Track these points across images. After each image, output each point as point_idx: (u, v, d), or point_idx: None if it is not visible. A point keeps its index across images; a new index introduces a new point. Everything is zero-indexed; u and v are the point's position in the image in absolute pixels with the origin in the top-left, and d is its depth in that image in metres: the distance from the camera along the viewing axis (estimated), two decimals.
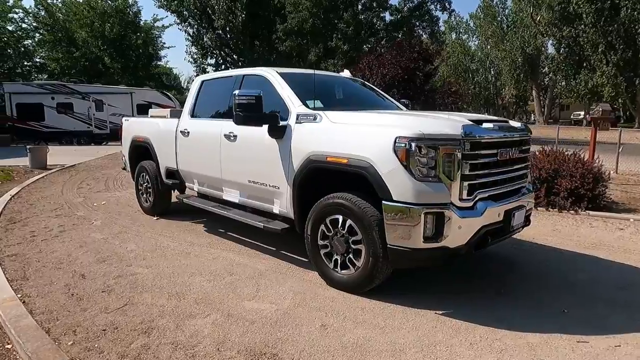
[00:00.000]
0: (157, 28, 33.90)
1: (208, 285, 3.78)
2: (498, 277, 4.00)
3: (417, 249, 3.06)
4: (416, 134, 3.01)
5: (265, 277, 3.95)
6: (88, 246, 4.95)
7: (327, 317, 3.15)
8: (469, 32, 53.60)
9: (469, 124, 3.14)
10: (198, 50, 32.63)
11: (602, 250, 4.74)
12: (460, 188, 3.07)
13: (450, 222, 3.03)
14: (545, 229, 5.55)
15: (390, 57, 11.01)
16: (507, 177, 3.45)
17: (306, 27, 24.93)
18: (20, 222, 6.07)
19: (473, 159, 3.10)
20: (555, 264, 4.33)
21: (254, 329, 2.98)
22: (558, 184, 6.50)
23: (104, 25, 29.39)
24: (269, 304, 3.37)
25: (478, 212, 3.13)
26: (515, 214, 3.42)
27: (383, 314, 3.20)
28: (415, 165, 3.01)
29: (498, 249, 4.73)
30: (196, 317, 3.17)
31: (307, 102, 4.03)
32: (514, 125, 3.71)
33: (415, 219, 2.99)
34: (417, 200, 3.01)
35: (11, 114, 21.38)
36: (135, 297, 3.54)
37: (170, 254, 4.66)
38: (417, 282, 3.84)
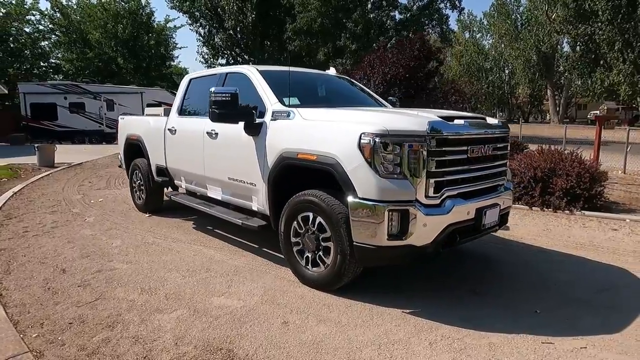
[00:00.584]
0: (169, 29, 34.29)
1: (182, 281, 3.80)
2: (476, 276, 3.93)
3: (381, 247, 3.03)
4: (380, 130, 2.98)
5: (240, 273, 3.96)
6: (76, 242, 5.03)
7: (291, 314, 3.14)
8: (482, 31, 52.94)
9: (435, 120, 3.09)
10: (209, 50, 32.96)
11: (590, 251, 4.63)
12: (427, 185, 3.02)
13: (416, 219, 2.99)
14: (536, 229, 5.44)
15: (391, 55, 10.93)
16: (480, 174, 3.39)
17: (315, 26, 24.90)
18: (16, 218, 6.20)
19: (440, 155, 3.05)
20: (539, 264, 4.24)
21: (216, 325, 2.99)
22: (553, 183, 6.37)
23: (117, 27, 29.86)
24: (236, 301, 3.38)
25: (445, 210, 3.08)
26: (487, 213, 3.35)
27: (348, 312, 3.17)
28: (380, 162, 2.98)
29: (482, 248, 4.67)
30: (163, 312, 3.20)
31: (284, 100, 4.02)
32: (490, 122, 3.64)
33: (380, 217, 2.96)
34: (381, 197, 2.98)
35: (26, 113, 21.87)
36: (108, 292, 3.59)
37: (153, 250, 4.70)
38: (392, 280, 3.81)
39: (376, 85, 10.79)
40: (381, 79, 10.77)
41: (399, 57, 10.71)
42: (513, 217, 5.86)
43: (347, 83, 5.35)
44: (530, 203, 6.46)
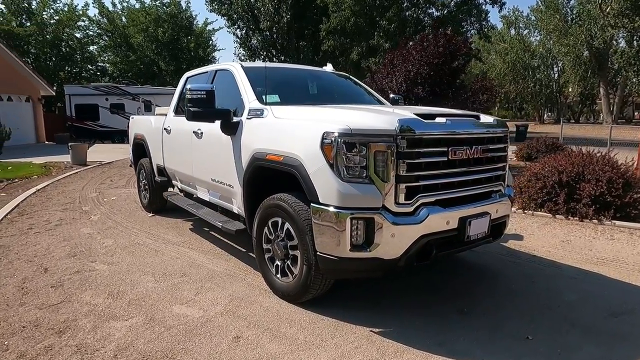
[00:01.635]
0: (208, 31, 35.09)
1: (152, 285, 3.66)
2: (468, 292, 3.52)
3: (344, 258, 2.73)
4: (343, 129, 2.68)
5: (214, 279, 3.77)
6: (70, 240, 5.05)
7: (247, 328, 2.90)
8: (530, 27, 50.38)
9: (407, 118, 2.75)
10: (245, 52, 33.40)
11: (612, 268, 4.07)
12: (396, 191, 2.69)
13: (382, 229, 2.66)
14: (554, 240, 4.90)
15: (415, 52, 10.44)
16: (465, 179, 3.00)
17: (348, 26, 24.57)
18: (27, 215, 6.37)
19: (412, 157, 2.70)
20: (546, 281, 3.76)
21: (165, 337, 2.80)
22: (581, 189, 5.75)
23: (157, 30, 30.88)
24: (197, 310, 3.18)
25: (417, 219, 2.72)
26: (473, 223, 2.95)
27: (309, 329, 2.89)
28: (343, 164, 2.68)
29: (483, 259, 4.24)
30: (118, 320, 3.05)
31: (263, 97, 3.79)
32: (482, 121, 3.24)
33: (341, 225, 2.67)
34: (342, 203, 2.68)
35: (71, 114, 23.02)
36: (76, 295, 3.50)
37: (140, 251, 4.62)
38: (373, 292, 3.50)
39: (399, 84, 10.34)
40: (404, 77, 10.31)
41: (422, 55, 10.20)
42: (531, 225, 5.35)
43: (344, 80, 5.04)
44: (553, 210, 5.87)
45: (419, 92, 10.36)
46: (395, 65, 10.53)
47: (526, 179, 6.42)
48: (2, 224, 5.87)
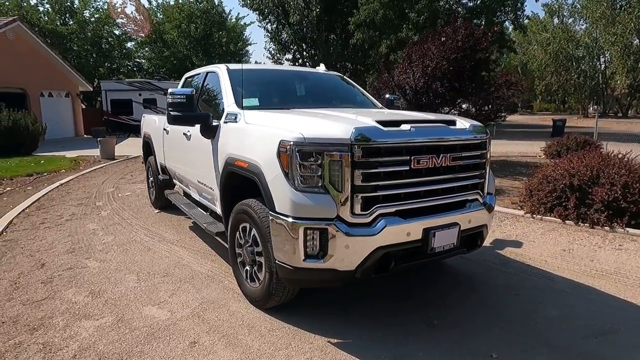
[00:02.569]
0: (240, 26, 35.51)
1: (134, 285, 3.77)
2: (442, 303, 3.40)
3: (299, 268, 2.70)
4: (296, 137, 2.64)
5: (193, 280, 3.84)
6: (74, 236, 5.27)
7: (207, 333, 2.93)
8: (575, 15, 47.75)
9: (363, 126, 2.66)
10: (276, 46, 33.60)
11: (610, 282, 3.82)
12: (352, 201, 2.62)
13: (335, 240, 2.61)
14: (555, 248, 4.65)
15: (434, 47, 10.12)
16: (431, 188, 2.88)
17: (377, 18, 24.16)
18: (44, 209, 6.71)
19: (369, 167, 2.62)
20: (532, 293, 3.57)
21: (127, 338, 2.88)
22: (593, 193, 5.41)
23: (190, 26, 31.55)
24: (166, 312, 3.25)
25: (373, 230, 2.65)
26: (438, 234, 2.84)
27: (266, 337, 2.89)
28: (297, 174, 2.65)
29: (469, 266, 4.09)
30: (90, 319, 3.17)
31: (243, 101, 3.79)
32: (456, 127, 3.09)
33: (295, 235, 2.64)
34: (295, 213, 2.64)
35: (107, 108, 23.99)
36: (61, 291, 3.66)
37: (134, 248, 4.76)
38: (344, 298, 3.44)
39: (416, 80, 10.07)
40: (421, 72, 10.02)
41: (441, 49, 9.87)
42: (535, 231, 5.11)
43: (335, 81, 4.94)
44: (563, 216, 5.56)
45: (437, 88, 10.07)
46: (412, 61, 10.25)
47: (537, 181, 6.12)
48: (19, 217, 6.21)
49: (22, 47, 19.14)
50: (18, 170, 10.36)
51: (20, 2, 30.86)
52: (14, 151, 13.34)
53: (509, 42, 26.61)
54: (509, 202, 6.60)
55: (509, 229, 5.36)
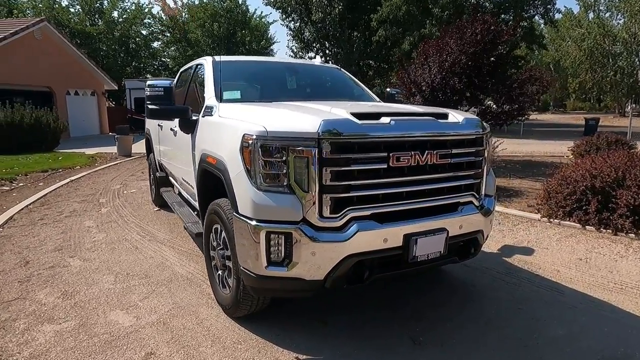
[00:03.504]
0: (263, 25, 35.57)
1: (109, 286, 3.60)
2: (434, 316, 3.06)
3: (261, 276, 2.44)
4: (259, 131, 2.37)
5: (171, 284, 3.64)
6: (67, 233, 5.19)
7: (166, 344, 2.70)
8: (612, 9, 45.56)
9: (333, 119, 2.37)
10: (298, 44, 33.45)
11: (628, 296, 3.38)
12: (320, 202, 2.34)
13: (300, 246, 2.33)
14: (570, 257, 4.21)
15: (452, 41, 9.65)
16: (415, 189, 2.55)
17: (399, 14, 23.62)
18: (47, 205, 6.70)
19: (338, 164, 2.33)
20: (536, 308, 3.18)
21: (82, 346, 2.69)
22: (617, 196, 4.92)
23: (213, 25, 31.79)
24: (132, 317, 3.05)
25: (342, 236, 2.35)
26: (420, 241, 2.51)
27: (230, 351, 2.64)
28: (259, 171, 2.38)
29: (472, 276, 3.72)
30: (53, 323, 3.00)
31: (224, 94, 3.56)
32: (448, 121, 2.76)
33: (256, 239, 2.37)
34: (257, 215, 2.38)
35: (130, 107, 24.41)
36: (34, 292, 3.53)
37: (121, 247, 4.62)
38: (326, 307, 3.16)
39: (432, 76, 9.62)
40: (438, 68, 9.57)
41: (458, 43, 9.39)
42: (550, 237, 4.68)
43: (333, 73, 4.64)
44: (583, 221, 5.08)
45: (455, 84, 9.59)
46: (429, 56, 9.81)
47: (556, 182, 5.64)
48: (20, 213, 6.20)
49: (49, 46, 19.65)
50: (34, 166, 10.53)
51: (52, 3, 31.85)
52: (36, 148, 13.64)
53: (539, 38, 25.48)
54: (525, 205, 6.14)
55: (521, 234, 4.93)
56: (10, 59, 17.31)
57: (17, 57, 17.71)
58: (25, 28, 18.02)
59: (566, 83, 56.56)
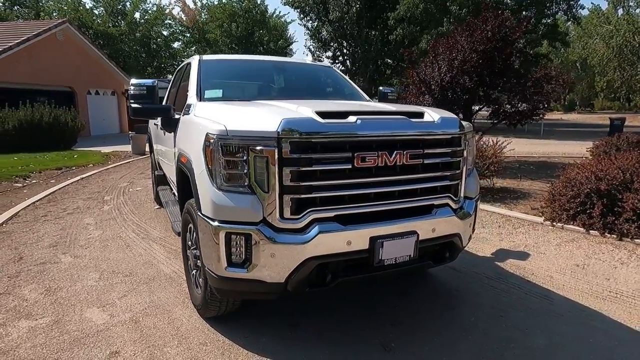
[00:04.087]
0: (281, 24, 35.69)
1: (92, 283, 3.63)
2: (411, 322, 2.97)
3: (222, 277, 2.40)
4: (219, 130, 2.33)
5: (152, 282, 3.65)
6: (66, 230, 5.28)
7: (133, 343, 2.69)
8: None
9: (294, 118, 2.31)
10: (315, 43, 33.44)
11: (623, 306, 3.20)
12: (281, 203, 2.28)
13: (259, 247, 2.28)
14: (567, 262, 4.02)
15: (463, 39, 9.42)
16: (382, 191, 2.47)
17: (417, 13, 23.31)
18: (52, 202, 6.86)
19: (299, 164, 2.26)
20: (520, 316, 3.04)
21: (52, 343, 2.71)
22: (624, 200, 4.69)
23: (231, 25, 32.08)
24: (106, 315, 3.06)
25: (303, 238, 2.29)
26: (387, 244, 2.42)
27: (195, 351, 2.61)
28: (219, 171, 2.34)
29: (458, 280, 3.60)
30: (30, 319, 3.04)
31: (206, 92, 3.55)
32: (422, 120, 2.66)
33: (216, 239, 2.34)
34: (216, 215, 2.34)
35: None
36: (19, 287, 3.59)
37: (113, 245, 4.67)
38: (299, 308, 3.11)
39: (442, 75, 9.42)
40: (447, 66, 9.36)
41: (469, 41, 9.16)
42: (549, 242, 4.51)
43: (324, 72, 4.57)
44: (587, 225, 4.87)
45: (466, 82, 9.37)
46: (438, 54, 9.61)
47: (561, 184, 5.43)
48: (26, 209, 6.36)
49: (70, 47, 20.20)
50: (49, 164, 10.81)
51: (77, 5, 32.73)
52: (54, 146, 14.02)
53: (562, 36, 24.72)
54: (529, 208, 5.93)
55: (520, 238, 4.76)
56: (33, 60, 17.87)
57: (40, 58, 18.26)
58: (47, 29, 18.56)
59: (593, 82, 54.80)
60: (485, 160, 6.84)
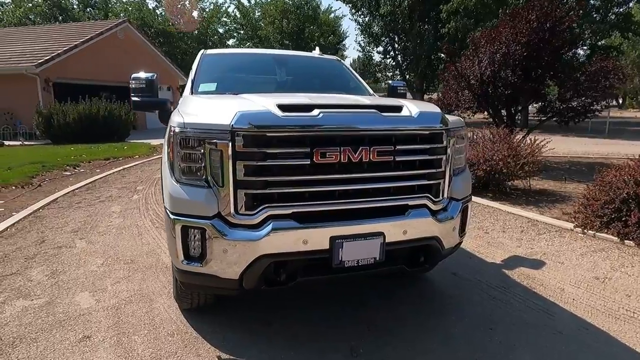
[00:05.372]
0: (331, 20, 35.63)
1: (94, 269, 3.81)
2: (387, 328, 2.80)
3: (181, 270, 2.40)
4: (178, 123, 2.32)
5: (148, 271, 3.76)
6: (92, 217, 5.60)
7: (106, 330, 2.77)
8: None
9: (251, 111, 2.23)
10: (366, 38, 33.03)
11: (637, 327, 2.84)
12: (235, 197, 2.23)
13: (212, 242, 2.25)
14: (585, 275, 3.63)
15: (504, 30, 8.81)
16: (347, 188, 2.34)
17: (471, 5, 22.28)
18: (90, 190, 7.31)
19: (254, 159, 2.20)
20: (510, 330, 2.78)
21: (37, 323, 2.86)
22: None
23: (282, 21, 32.50)
24: (94, 300, 3.19)
25: (255, 235, 2.22)
26: (347, 245, 2.29)
27: (161, 341, 2.64)
28: (178, 164, 2.34)
29: (454, 286, 3.37)
30: (27, 299, 3.23)
31: (200, 86, 3.58)
32: (400, 114, 2.49)
33: (173, 232, 2.34)
34: (173, 208, 2.34)
35: None
36: (31, 268, 3.84)
37: (127, 233, 4.88)
38: (276, 304, 3.06)
39: (482, 68, 8.89)
40: (488, 60, 8.81)
41: (512, 32, 8.54)
42: (573, 251, 4.13)
43: (329, 65, 4.44)
44: (622, 234, 4.39)
45: (508, 76, 8.78)
46: (478, 47, 9.08)
47: (597, 188, 4.94)
48: (65, 196, 6.82)
49: (130, 45, 21.43)
50: (99, 155, 11.55)
51: (140, 6, 34.70)
52: (109, 138, 14.97)
53: (636, 26, 22.51)
54: (561, 213, 5.45)
55: (540, 245, 4.38)
56: (96, 57, 19.17)
57: (102, 56, 19.55)
58: (109, 29, 19.83)
59: None
60: (519, 160, 6.37)
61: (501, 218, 5.39)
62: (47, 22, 32.80)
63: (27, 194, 6.96)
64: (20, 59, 17.07)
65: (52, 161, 10.04)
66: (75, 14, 36.93)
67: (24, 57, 17.21)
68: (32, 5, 36.95)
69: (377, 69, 34.80)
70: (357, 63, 37.86)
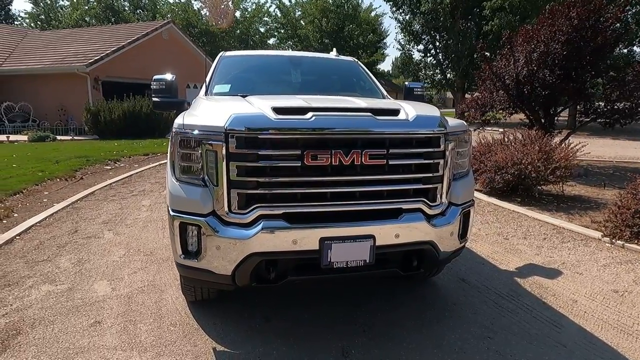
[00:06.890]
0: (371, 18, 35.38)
1: (116, 259, 4.05)
2: (383, 332, 2.80)
3: (180, 265, 2.53)
4: (178, 124, 2.45)
5: (164, 263, 3.94)
6: (123, 210, 5.93)
7: (116, 317, 2.96)
8: None
9: (245, 113, 2.31)
10: (406, 36, 32.52)
11: None
12: (228, 197, 2.32)
13: (206, 239, 2.36)
14: (603, 287, 3.45)
15: (543, 28, 8.42)
16: (339, 191, 2.37)
17: (515, 1, 21.44)
18: (126, 184, 7.72)
19: (246, 160, 2.28)
20: (509, 341, 2.70)
21: (56, 308, 3.09)
22: None
23: (322, 20, 32.63)
24: (110, 289, 3.40)
25: (247, 233, 2.30)
26: (336, 247, 2.32)
27: (163, 330, 2.78)
28: (178, 163, 2.46)
29: (460, 293, 3.32)
30: (52, 284, 3.49)
31: (215, 87, 3.72)
32: (395, 118, 2.49)
33: (173, 229, 2.47)
34: (172, 205, 2.47)
35: None
36: (61, 255, 4.13)
37: (153, 226, 5.13)
38: (277, 301, 3.13)
39: (519, 68, 8.56)
40: (525, 59, 8.47)
41: (551, 30, 8.15)
42: (595, 262, 3.97)
43: (346, 66, 4.44)
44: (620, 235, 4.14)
45: (546, 77, 8.41)
46: (514, 46, 8.75)
47: (629, 195, 4.67)
48: (102, 189, 7.24)
49: (174, 45, 22.27)
50: (140, 150, 12.12)
51: (186, 7, 35.93)
52: (150, 134, 15.67)
53: None
54: (590, 221, 5.19)
55: (561, 254, 4.20)
56: (141, 57, 20.07)
57: (147, 55, 20.43)
58: (154, 30, 20.70)
59: None
60: (549, 164, 6.11)
61: (525, 224, 5.21)
62: (101, 24, 34.66)
63: (69, 186, 7.45)
64: (73, 59, 18.18)
65: (96, 155, 10.65)
66: (126, 16, 38.78)
67: (77, 57, 18.31)
68: (88, 8, 39.16)
69: (417, 68, 34.21)
70: (397, 62, 37.34)
